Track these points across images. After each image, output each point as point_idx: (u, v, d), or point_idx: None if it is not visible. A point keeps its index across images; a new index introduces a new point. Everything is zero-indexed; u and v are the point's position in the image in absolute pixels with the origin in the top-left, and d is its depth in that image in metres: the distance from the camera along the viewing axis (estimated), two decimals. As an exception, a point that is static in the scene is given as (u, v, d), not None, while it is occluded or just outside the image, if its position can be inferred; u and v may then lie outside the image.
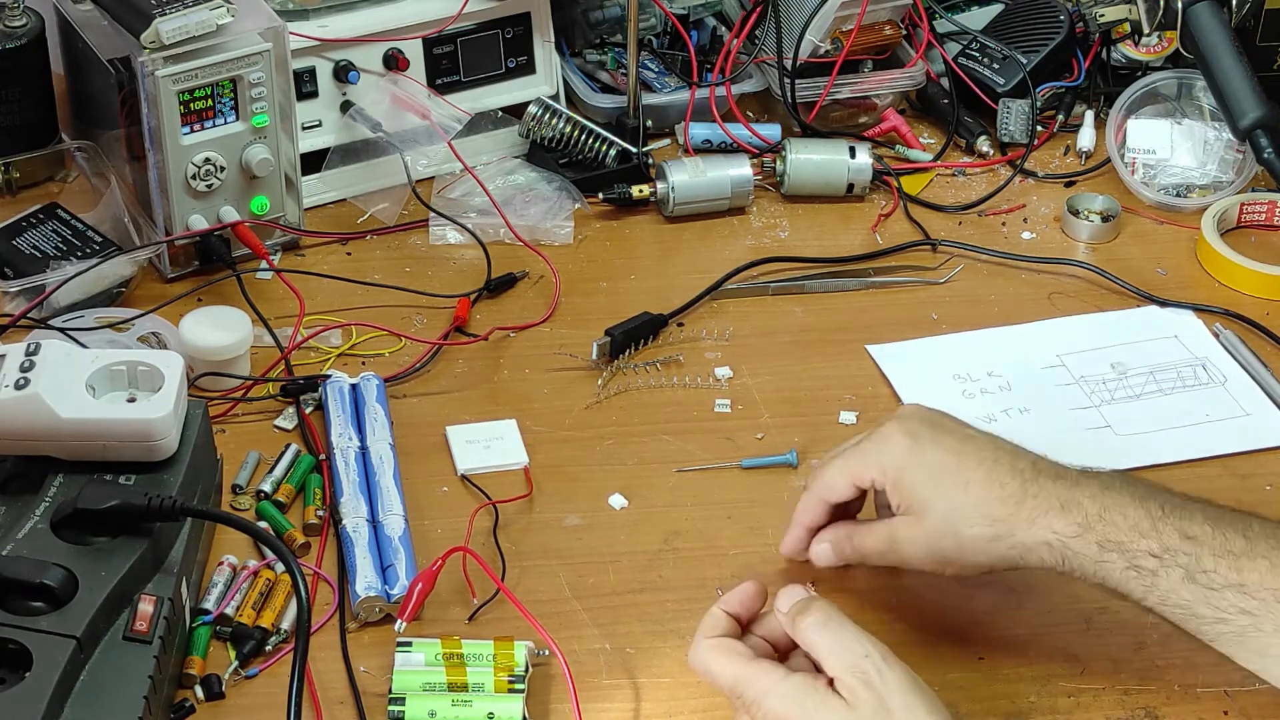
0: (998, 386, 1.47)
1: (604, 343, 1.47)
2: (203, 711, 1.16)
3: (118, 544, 1.14)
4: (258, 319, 1.49)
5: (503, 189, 1.67)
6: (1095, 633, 1.23)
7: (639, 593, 1.26)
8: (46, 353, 1.22)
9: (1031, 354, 1.51)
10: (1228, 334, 1.53)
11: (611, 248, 1.64)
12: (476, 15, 1.70)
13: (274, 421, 1.40)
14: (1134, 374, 1.47)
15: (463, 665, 1.16)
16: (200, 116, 1.50)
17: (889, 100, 1.81)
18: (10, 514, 1.18)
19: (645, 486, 1.36)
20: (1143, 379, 1.47)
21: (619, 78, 1.80)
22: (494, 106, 1.73)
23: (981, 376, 1.48)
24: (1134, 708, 1.18)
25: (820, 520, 1.24)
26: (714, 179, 1.66)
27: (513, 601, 1.21)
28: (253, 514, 1.31)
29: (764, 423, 1.43)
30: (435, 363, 1.48)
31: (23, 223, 1.58)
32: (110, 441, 1.19)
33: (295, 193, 1.59)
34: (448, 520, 1.31)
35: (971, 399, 1.46)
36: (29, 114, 1.66)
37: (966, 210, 1.71)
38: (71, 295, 1.49)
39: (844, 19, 1.75)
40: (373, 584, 1.22)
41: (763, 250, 1.63)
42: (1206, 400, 1.46)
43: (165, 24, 1.44)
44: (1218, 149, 1.73)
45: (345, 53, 1.64)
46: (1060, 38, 1.80)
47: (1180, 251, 1.66)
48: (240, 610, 1.21)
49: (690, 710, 1.17)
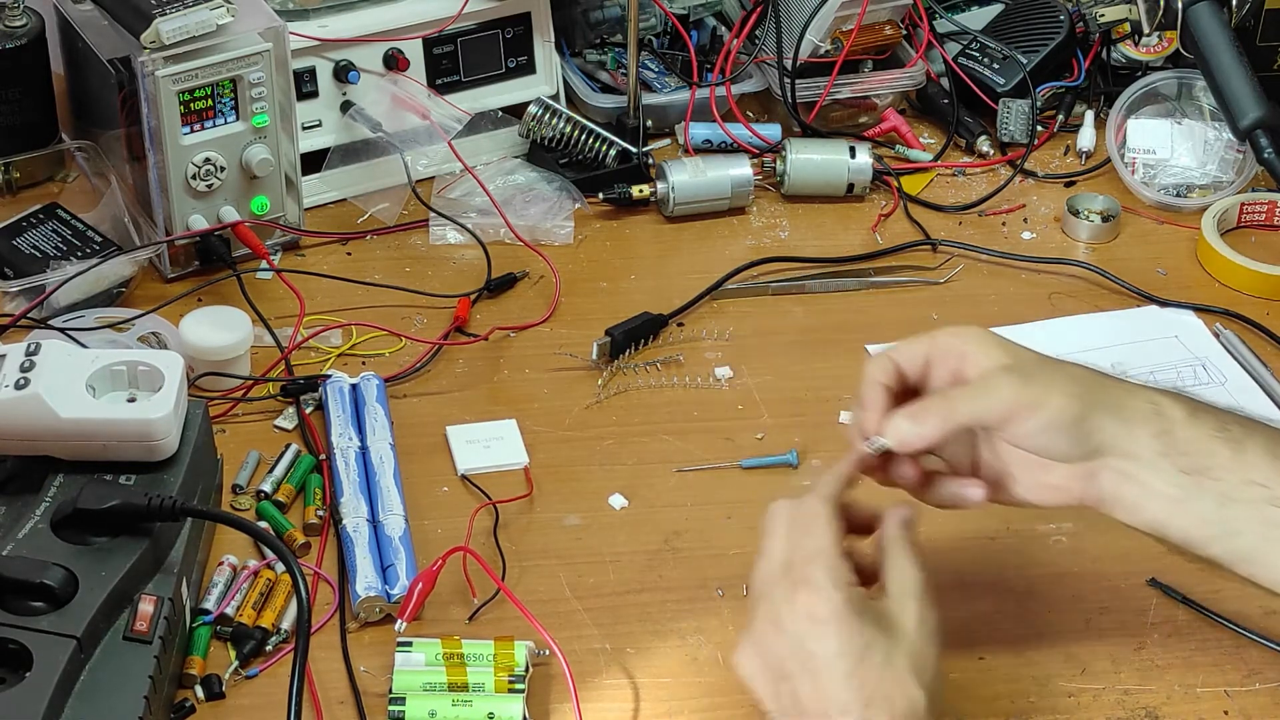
0: None
1: (604, 343, 1.48)
2: (203, 711, 1.16)
3: (118, 544, 1.14)
4: (258, 319, 1.49)
5: (503, 189, 1.67)
6: (1095, 633, 1.23)
7: (639, 593, 1.26)
8: (46, 353, 1.22)
9: None
10: (1228, 334, 1.53)
11: (611, 248, 1.64)
12: (476, 15, 1.70)
13: (274, 421, 1.40)
14: (1135, 374, 1.47)
15: (463, 665, 1.16)
16: (200, 116, 1.50)
17: (889, 100, 1.81)
18: (10, 514, 1.17)
19: (645, 486, 1.36)
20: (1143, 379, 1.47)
21: (619, 78, 1.80)
22: (494, 106, 1.73)
23: None
24: (1134, 708, 1.18)
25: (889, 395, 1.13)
26: (714, 179, 1.66)
27: (513, 601, 1.21)
28: (253, 514, 1.31)
29: (764, 423, 1.43)
30: (435, 363, 1.48)
31: (23, 223, 1.58)
32: (110, 441, 1.19)
33: (295, 193, 1.59)
34: (448, 520, 1.31)
35: (971, 399, 1.46)
36: (29, 114, 1.66)
37: (966, 210, 1.71)
38: (71, 295, 1.49)
39: (844, 19, 1.75)
40: (373, 584, 1.22)
41: (763, 250, 1.63)
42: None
43: (165, 24, 1.44)
44: (1218, 149, 1.73)
45: (345, 53, 1.64)
46: (1060, 38, 1.80)
47: (1180, 251, 1.66)
48: (240, 610, 1.21)
49: (690, 710, 1.17)
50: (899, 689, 1.01)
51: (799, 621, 1.02)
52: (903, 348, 1.14)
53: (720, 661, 1.21)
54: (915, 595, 1.05)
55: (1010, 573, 1.25)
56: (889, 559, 1.07)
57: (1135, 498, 1.09)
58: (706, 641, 1.22)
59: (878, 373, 1.13)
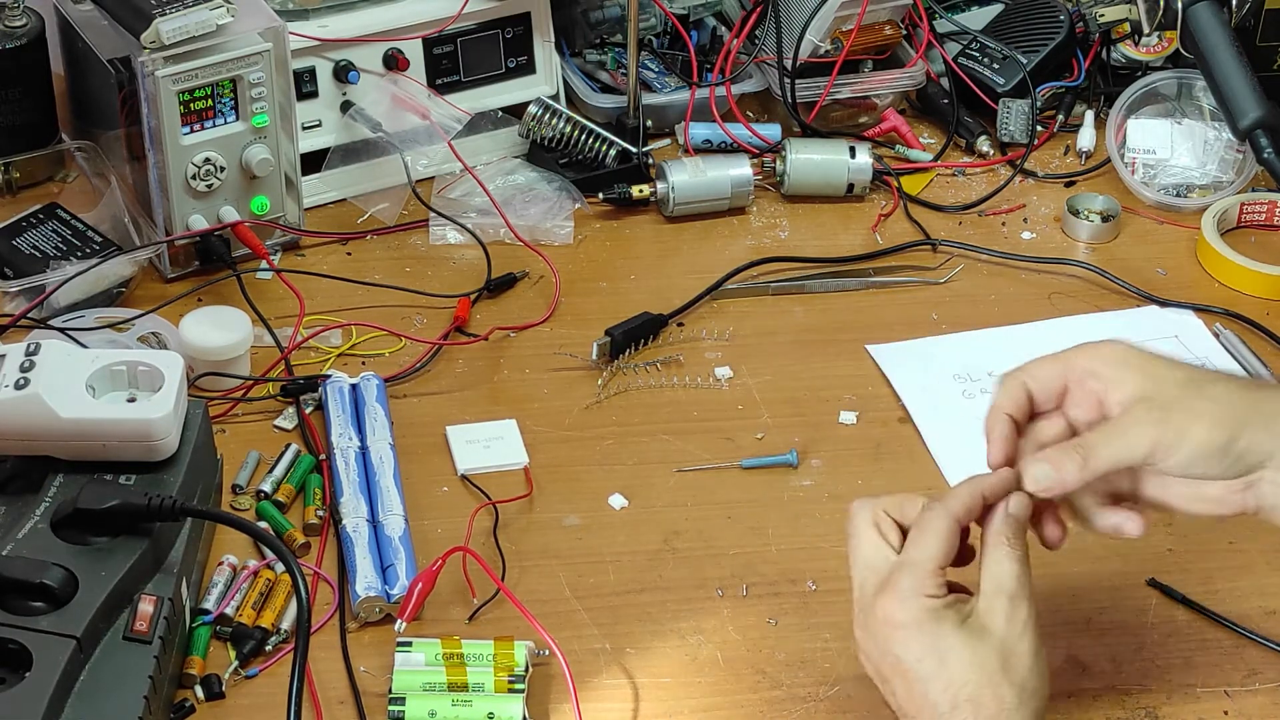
0: None
1: (604, 343, 1.47)
2: (203, 711, 1.16)
3: (118, 544, 1.14)
4: (258, 319, 1.49)
5: (503, 189, 1.67)
6: (1095, 633, 1.23)
7: (639, 593, 1.26)
8: (46, 353, 1.21)
9: (1032, 354, 1.50)
10: (1228, 334, 1.53)
11: (611, 248, 1.64)
12: (476, 15, 1.69)
13: (274, 421, 1.40)
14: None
15: (463, 665, 1.16)
16: (200, 116, 1.50)
17: (889, 100, 1.81)
18: (10, 514, 1.17)
19: (645, 486, 1.36)
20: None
21: (619, 78, 1.80)
22: (494, 106, 1.73)
23: (982, 376, 1.48)
24: (1134, 708, 1.18)
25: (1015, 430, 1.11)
26: (714, 179, 1.66)
27: (513, 601, 1.21)
28: (253, 514, 1.31)
29: (764, 423, 1.43)
30: (435, 363, 1.48)
31: (23, 223, 1.57)
32: (110, 441, 1.19)
33: (295, 193, 1.59)
34: (448, 520, 1.31)
35: (972, 399, 1.46)
36: (29, 114, 1.66)
37: (966, 210, 1.71)
38: (71, 295, 1.49)
39: (844, 19, 1.75)
40: (373, 584, 1.22)
41: (763, 250, 1.63)
42: None
43: (165, 24, 1.44)
44: (1218, 149, 1.73)
45: (345, 53, 1.64)
46: (1060, 38, 1.80)
47: (1180, 251, 1.66)
48: (240, 610, 1.21)
49: (690, 710, 1.17)
50: (988, 690, 1.01)
51: (880, 626, 1.03)
52: (1036, 372, 1.12)
53: (720, 661, 1.21)
54: (1007, 592, 1.03)
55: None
56: (987, 555, 1.06)
57: None
58: (706, 641, 1.22)
59: (1006, 401, 1.11)
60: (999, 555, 1.05)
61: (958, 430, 1.41)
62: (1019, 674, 1.02)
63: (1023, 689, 1.01)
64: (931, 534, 1.05)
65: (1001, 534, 1.06)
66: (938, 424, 1.43)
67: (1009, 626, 1.03)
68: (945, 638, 1.01)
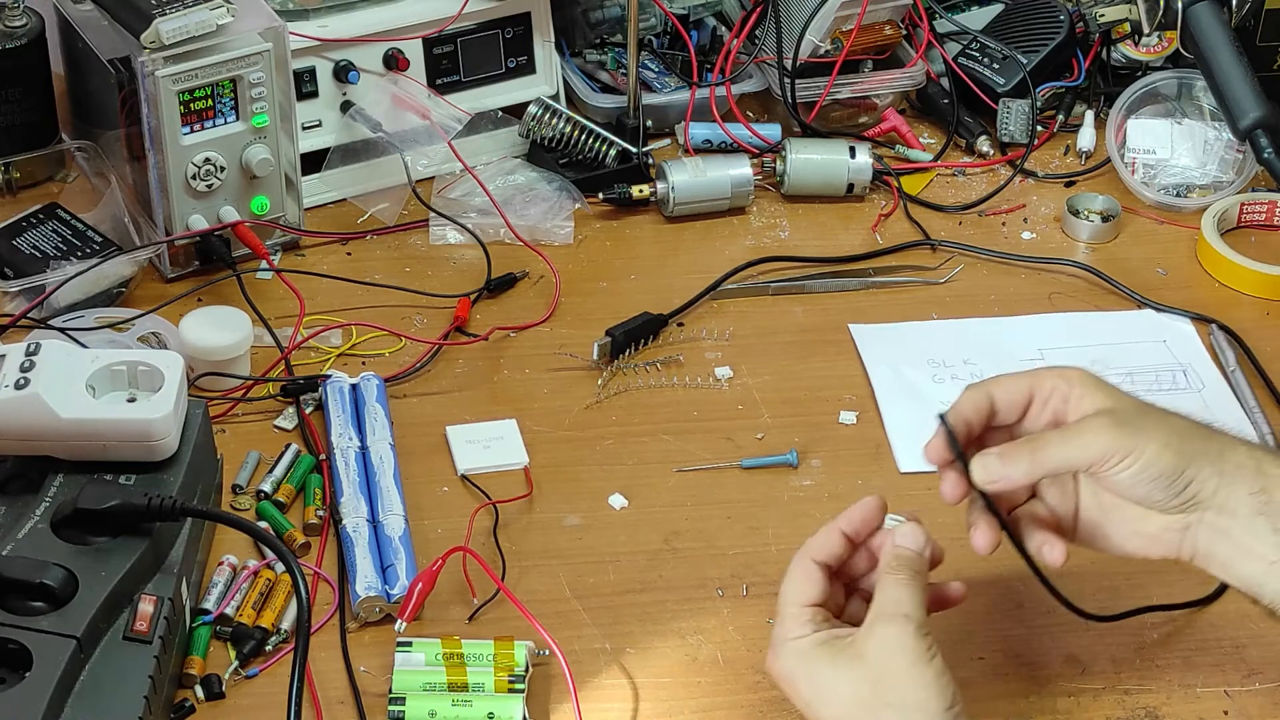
0: (970, 374, 1.47)
1: (604, 343, 1.47)
2: (203, 711, 1.16)
3: (118, 544, 1.14)
4: (258, 319, 1.49)
5: (503, 189, 1.67)
6: (1095, 633, 1.23)
7: (639, 593, 1.26)
8: (46, 353, 1.22)
9: (1013, 346, 1.51)
10: (1219, 335, 1.53)
11: (611, 248, 1.64)
12: (476, 15, 1.70)
13: (274, 421, 1.40)
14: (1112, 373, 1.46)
15: (463, 665, 1.16)
16: (200, 116, 1.50)
17: (889, 100, 1.81)
18: (10, 514, 1.18)
19: (645, 486, 1.36)
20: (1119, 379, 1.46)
21: (619, 78, 1.80)
22: (494, 106, 1.73)
23: (956, 363, 1.48)
24: (1134, 708, 1.18)
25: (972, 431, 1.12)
26: (714, 179, 1.66)
27: (513, 601, 1.21)
28: (253, 514, 1.31)
29: (764, 423, 1.43)
30: (435, 363, 1.48)
31: (23, 223, 1.58)
32: (110, 441, 1.19)
33: (295, 193, 1.59)
34: (448, 520, 1.31)
35: (941, 383, 1.46)
36: (29, 114, 1.66)
37: (966, 210, 1.71)
38: (71, 295, 1.49)
39: (844, 19, 1.75)
40: (373, 584, 1.22)
41: (763, 250, 1.63)
42: (1179, 405, 1.44)
43: (165, 24, 1.44)
44: (1218, 149, 1.73)
45: (345, 53, 1.64)
46: (1060, 38, 1.80)
47: (1180, 251, 1.66)
48: (240, 610, 1.21)
49: (690, 710, 1.17)
50: (866, 716, 1.02)
51: (774, 677, 1.07)
52: (1004, 382, 1.13)
53: (720, 661, 1.21)
54: (885, 616, 1.04)
55: (1010, 573, 1.25)
56: (876, 587, 1.07)
57: (1229, 556, 1.08)
58: (706, 641, 1.22)
59: (967, 405, 1.12)
60: (883, 583, 1.07)
61: (915, 412, 1.41)
62: (896, 694, 1.02)
63: (903, 707, 1.02)
64: (790, 578, 1.09)
65: (887, 563, 1.07)
66: (899, 404, 1.44)
67: (879, 649, 1.03)
68: (819, 675, 1.04)
